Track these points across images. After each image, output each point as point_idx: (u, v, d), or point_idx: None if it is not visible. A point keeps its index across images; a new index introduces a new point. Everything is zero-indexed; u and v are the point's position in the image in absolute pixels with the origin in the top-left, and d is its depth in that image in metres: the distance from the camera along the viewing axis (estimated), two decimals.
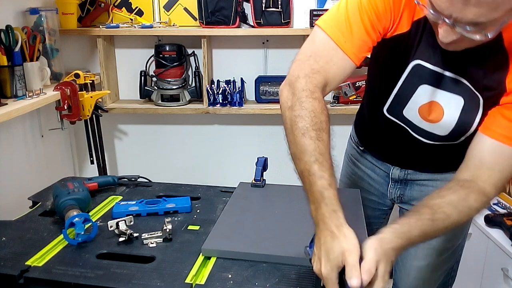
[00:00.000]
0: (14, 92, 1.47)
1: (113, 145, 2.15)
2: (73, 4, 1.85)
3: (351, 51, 0.88)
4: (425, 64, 0.93)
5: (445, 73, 0.93)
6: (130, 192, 1.30)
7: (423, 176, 1.18)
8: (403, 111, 1.02)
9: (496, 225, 1.78)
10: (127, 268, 0.91)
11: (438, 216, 0.81)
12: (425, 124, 1.01)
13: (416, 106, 0.99)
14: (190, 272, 0.89)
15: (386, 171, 1.23)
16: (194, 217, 1.14)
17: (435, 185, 1.16)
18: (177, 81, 1.93)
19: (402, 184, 1.22)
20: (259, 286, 0.84)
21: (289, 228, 1.03)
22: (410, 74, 0.96)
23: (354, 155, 1.31)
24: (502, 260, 1.67)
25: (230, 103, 1.92)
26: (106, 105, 1.92)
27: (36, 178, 1.78)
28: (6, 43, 1.44)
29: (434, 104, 0.97)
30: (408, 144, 1.08)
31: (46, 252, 0.98)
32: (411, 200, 1.23)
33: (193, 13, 1.92)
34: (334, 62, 0.89)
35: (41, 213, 1.16)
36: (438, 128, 1.00)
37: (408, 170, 1.19)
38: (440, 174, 1.15)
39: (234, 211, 1.14)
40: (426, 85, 0.95)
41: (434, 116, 0.99)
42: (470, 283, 1.95)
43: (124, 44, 2.01)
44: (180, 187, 1.32)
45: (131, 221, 1.05)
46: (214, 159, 2.17)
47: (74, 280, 0.87)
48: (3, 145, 1.60)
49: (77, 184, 1.17)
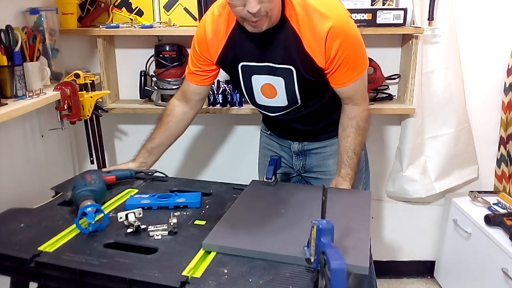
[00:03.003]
0: (14, 92, 1.46)
1: (113, 145, 2.15)
2: (73, 4, 1.84)
3: (192, 79, 1.44)
4: (248, 63, 1.31)
5: (262, 64, 1.29)
6: (146, 186, 1.36)
7: (316, 145, 1.50)
8: (256, 99, 1.39)
9: (496, 225, 1.78)
10: (130, 258, 0.95)
11: (349, 148, 1.36)
12: (269, 101, 1.36)
13: (259, 92, 1.35)
14: (188, 265, 0.92)
15: (288, 146, 1.53)
16: (202, 212, 1.18)
17: (326, 150, 1.49)
18: (177, 81, 1.92)
19: (302, 155, 1.52)
20: (252, 282, 0.85)
21: (292, 228, 1.04)
22: (243, 72, 1.33)
23: (265, 141, 1.63)
24: (502, 260, 1.67)
25: (230, 103, 1.92)
26: (106, 105, 1.92)
27: (36, 178, 1.78)
28: (6, 43, 1.44)
29: (268, 85, 1.33)
30: (285, 121, 1.44)
31: (59, 239, 1.04)
32: (312, 168, 1.53)
33: (193, 13, 1.92)
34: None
35: (60, 202, 1.23)
36: (278, 101, 1.35)
37: (304, 142, 1.50)
38: (327, 141, 1.48)
39: (241, 208, 1.16)
40: (255, 75, 1.32)
41: (271, 94, 1.34)
42: (470, 283, 1.95)
43: (124, 44, 2.01)
44: (194, 182, 1.39)
45: (140, 213, 1.10)
46: (214, 159, 2.17)
47: (79, 266, 0.92)
48: (3, 145, 1.60)
49: (95, 177, 1.24)
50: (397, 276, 2.32)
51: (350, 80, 1.28)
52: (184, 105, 1.49)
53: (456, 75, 1.94)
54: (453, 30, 1.90)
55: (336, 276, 0.74)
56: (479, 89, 2.01)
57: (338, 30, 1.20)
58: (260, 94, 1.36)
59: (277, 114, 1.41)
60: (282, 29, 1.23)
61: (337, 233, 0.98)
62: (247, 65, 1.31)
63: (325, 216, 0.87)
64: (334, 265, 0.74)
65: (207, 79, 1.44)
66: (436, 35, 1.88)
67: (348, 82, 1.29)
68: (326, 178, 1.49)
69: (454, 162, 2.05)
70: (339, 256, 0.76)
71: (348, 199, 1.24)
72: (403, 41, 1.95)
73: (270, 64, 1.28)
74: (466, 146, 2.04)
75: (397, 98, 2.02)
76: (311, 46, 1.22)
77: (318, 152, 1.50)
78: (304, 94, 1.33)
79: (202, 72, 1.42)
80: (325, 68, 1.25)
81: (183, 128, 1.52)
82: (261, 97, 1.37)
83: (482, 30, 1.94)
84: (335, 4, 1.25)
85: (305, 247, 0.91)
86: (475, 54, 1.96)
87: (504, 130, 2.03)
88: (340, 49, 1.21)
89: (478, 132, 2.06)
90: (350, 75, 1.27)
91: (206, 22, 1.34)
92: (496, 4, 1.91)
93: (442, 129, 2.00)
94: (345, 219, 1.08)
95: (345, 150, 1.36)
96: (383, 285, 2.25)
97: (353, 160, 1.36)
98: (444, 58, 1.91)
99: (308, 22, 1.20)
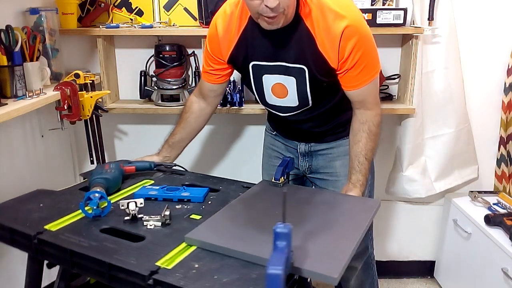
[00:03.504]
0: (14, 92, 1.46)
1: (113, 145, 2.15)
2: (73, 4, 1.84)
3: (207, 78, 1.45)
4: (259, 62, 1.30)
5: (274, 63, 1.28)
6: (163, 178, 1.42)
7: (323, 146, 1.48)
8: (266, 99, 1.38)
9: (496, 225, 1.78)
10: (117, 244, 1.01)
11: (360, 153, 1.33)
12: (280, 101, 1.35)
13: (269, 92, 1.34)
14: (165, 256, 0.95)
15: (294, 147, 1.51)
16: (202, 207, 1.20)
17: (333, 151, 1.47)
18: (177, 81, 1.92)
19: (309, 156, 1.50)
20: (217, 279, 0.87)
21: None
22: (254, 71, 1.33)
23: (269, 141, 1.61)
24: (502, 260, 1.67)
25: (230, 103, 1.92)
26: (106, 105, 1.92)
27: (36, 178, 1.78)
28: (6, 43, 1.43)
29: (279, 85, 1.31)
30: (294, 122, 1.42)
31: (65, 220, 1.12)
32: (318, 169, 1.51)
33: (193, 13, 1.92)
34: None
35: (81, 188, 1.32)
36: (289, 101, 1.34)
37: (311, 143, 1.48)
38: (334, 142, 1.46)
39: (237, 207, 1.16)
40: (266, 75, 1.31)
41: (281, 94, 1.33)
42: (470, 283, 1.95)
43: (124, 44, 2.01)
44: (207, 178, 1.43)
45: (142, 203, 1.14)
46: (214, 159, 2.17)
47: (70, 246, 1.00)
48: (3, 145, 1.60)
49: (113, 166, 1.33)
50: (397, 276, 2.32)
51: (363, 83, 1.27)
52: (201, 101, 1.51)
53: (456, 75, 1.94)
54: (453, 30, 1.90)
55: (270, 281, 0.73)
56: (479, 89, 2.01)
57: (353, 30, 1.19)
58: (271, 93, 1.35)
59: (287, 114, 1.39)
60: (297, 28, 1.22)
61: (323, 240, 0.98)
62: (259, 64, 1.31)
63: (285, 220, 0.85)
64: (269, 269, 0.73)
65: (221, 78, 1.44)
66: (436, 35, 1.88)
67: (360, 85, 1.27)
68: (332, 180, 1.48)
69: (454, 162, 2.05)
70: (278, 262, 0.75)
71: (353, 207, 1.20)
72: (403, 41, 1.95)
73: (283, 64, 1.27)
74: (466, 146, 2.04)
75: (397, 98, 2.02)
76: (324, 46, 1.21)
77: (325, 153, 1.48)
78: (315, 95, 1.31)
79: (215, 71, 1.42)
80: (338, 68, 1.24)
81: (202, 123, 1.55)
82: (272, 97, 1.36)
83: (482, 30, 1.94)
84: (349, 4, 1.25)
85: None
86: (475, 54, 1.96)
87: (504, 130, 2.03)
88: (354, 49, 1.20)
89: (478, 132, 2.06)
90: (363, 77, 1.26)
91: (217, 21, 1.34)
92: (496, 4, 1.91)
93: (442, 129, 2.00)
94: (339, 227, 1.06)
95: (356, 156, 1.34)
96: (383, 285, 2.25)
97: (364, 166, 1.33)
98: (444, 58, 1.91)
99: (323, 21, 1.20)
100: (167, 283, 0.86)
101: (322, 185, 1.51)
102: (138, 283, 0.89)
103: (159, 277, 0.87)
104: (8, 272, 1.60)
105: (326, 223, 1.07)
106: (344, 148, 1.43)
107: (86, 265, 0.98)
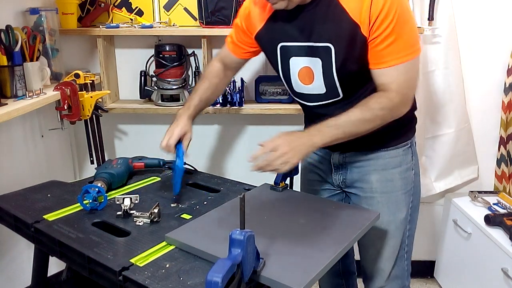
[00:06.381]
0: (14, 92, 1.46)
1: (113, 145, 2.15)
2: (73, 4, 1.85)
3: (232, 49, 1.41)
4: (288, 43, 1.22)
5: (302, 43, 1.19)
6: (170, 177, 1.42)
7: (359, 157, 1.32)
8: (294, 86, 1.28)
9: (496, 225, 1.78)
10: (102, 238, 1.03)
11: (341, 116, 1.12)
12: (306, 88, 1.25)
13: (296, 77, 1.25)
14: (141, 254, 0.96)
15: (327, 158, 1.37)
16: (196, 208, 1.20)
17: (370, 164, 1.31)
18: (177, 81, 1.92)
19: (343, 169, 1.36)
20: (182, 280, 0.87)
21: (260, 236, 0.96)
22: (281, 54, 1.25)
23: None
24: (502, 260, 1.67)
25: (230, 103, 1.92)
26: (106, 105, 1.92)
27: (36, 178, 1.77)
28: (6, 43, 1.44)
29: (306, 69, 1.22)
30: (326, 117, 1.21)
31: (64, 211, 1.16)
32: (353, 183, 1.35)
33: (193, 13, 1.92)
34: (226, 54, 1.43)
35: (91, 181, 1.32)
36: (315, 88, 1.23)
37: (346, 153, 1.33)
38: (372, 153, 1.31)
39: (227, 210, 1.15)
40: (294, 57, 1.23)
41: (308, 79, 1.24)
42: (470, 283, 1.95)
43: (124, 44, 2.01)
44: (213, 178, 1.45)
45: (137, 199, 1.16)
46: (214, 159, 2.17)
47: (58, 237, 1.02)
48: (3, 145, 1.60)
49: (121, 161, 1.38)
50: None
51: (392, 60, 1.10)
52: (226, 70, 1.47)
53: (456, 75, 1.94)
54: (453, 30, 1.90)
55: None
56: (479, 89, 2.01)
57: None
58: (298, 79, 1.25)
59: (315, 104, 1.27)
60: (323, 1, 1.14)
61: (300, 251, 0.95)
62: (287, 45, 1.23)
63: (244, 227, 0.82)
64: (208, 276, 0.73)
65: (247, 54, 1.40)
66: (436, 35, 1.88)
67: (388, 62, 1.10)
68: (366, 196, 1.33)
69: (454, 162, 2.05)
70: (219, 269, 0.73)
71: (346, 218, 1.13)
72: None
73: (309, 44, 1.18)
74: (466, 146, 2.04)
75: None
76: (354, 9, 1.09)
77: (360, 165, 1.33)
78: (344, 83, 1.19)
79: (242, 44, 1.38)
80: (368, 36, 1.10)
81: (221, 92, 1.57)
82: (298, 83, 1.26)
83: (482, 30, 1.94)
84: None
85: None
86: (475, 54, 1.96)
87: (504, 130, 2.03)
88: (385, 7, 1.06)
89: (478, 132, 2.06)
90: (393, 53, 1.09)
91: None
92: (496, 4, 1.91)
93: (442, 129, 2.00)
94: (322, 237, 1.02)
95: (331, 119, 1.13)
96: None
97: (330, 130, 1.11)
98: (444, 58, 1.91)
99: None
100: (134, 280, 0.87)
101: (356, 201, 1.35)
102: (111, 278, 0.91)
103: (128, 274, 0.88)
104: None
105: (311, 233, 1.04)
106: (384, 162, 1.30)
107: (71, 256, 1.00)
